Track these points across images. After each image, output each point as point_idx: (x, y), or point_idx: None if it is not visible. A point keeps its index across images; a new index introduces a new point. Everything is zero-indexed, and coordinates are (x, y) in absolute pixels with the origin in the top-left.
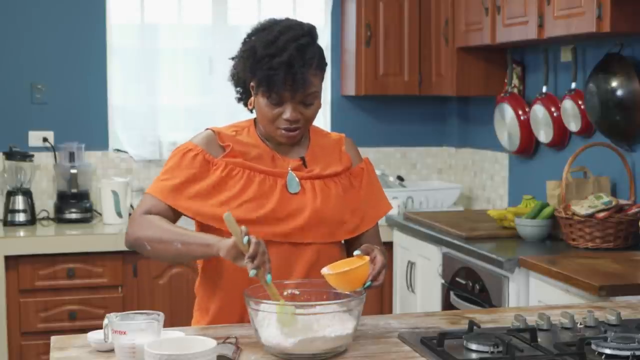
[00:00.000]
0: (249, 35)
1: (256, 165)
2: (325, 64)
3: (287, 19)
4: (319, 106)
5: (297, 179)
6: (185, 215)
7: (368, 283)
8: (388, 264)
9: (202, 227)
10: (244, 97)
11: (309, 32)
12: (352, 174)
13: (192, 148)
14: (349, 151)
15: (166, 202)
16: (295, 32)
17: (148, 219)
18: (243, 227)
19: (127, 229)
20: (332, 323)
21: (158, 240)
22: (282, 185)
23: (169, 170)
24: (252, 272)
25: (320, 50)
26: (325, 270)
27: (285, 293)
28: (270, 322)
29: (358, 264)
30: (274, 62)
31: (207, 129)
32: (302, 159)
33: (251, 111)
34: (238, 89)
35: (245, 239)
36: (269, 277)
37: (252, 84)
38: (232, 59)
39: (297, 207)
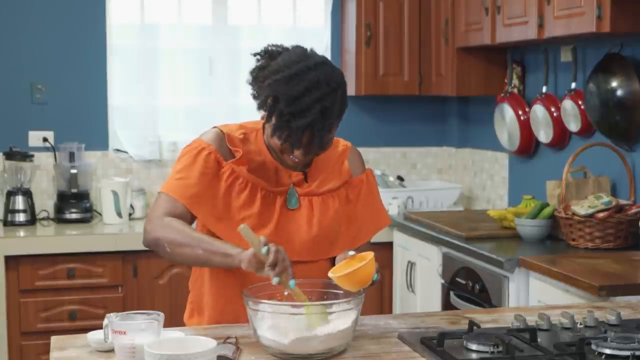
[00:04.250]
0: (276, 78)
1: (259, 179)
2: (346, 107)
3: (318, 64)
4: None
5: (297, 195)
6: (198, 217)
7: (375, 276)
8: (388, 264)
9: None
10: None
11: (337, 87)
12: (350, 185)
13: (205, 147)
14: (351, 163)
15: (183, 203)
16: (322, 90)
17: (169, 221)
18: (262, 237)
19: (146, 227)
20: (326, 323)
21: (179, 243)
22: (282, 202)
23: (183, 169)
24: (275, 280)
25: (343, 100)
26: (332, 275)
27: (285, 293)
28: (269, 322)
29: (365, 261)
30: (295, 123)
31: (214, 127)
32: (305, 173)
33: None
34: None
35: (264, 249)
36: (292, 282)
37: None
38: (251, 73)
39: (295, 226)
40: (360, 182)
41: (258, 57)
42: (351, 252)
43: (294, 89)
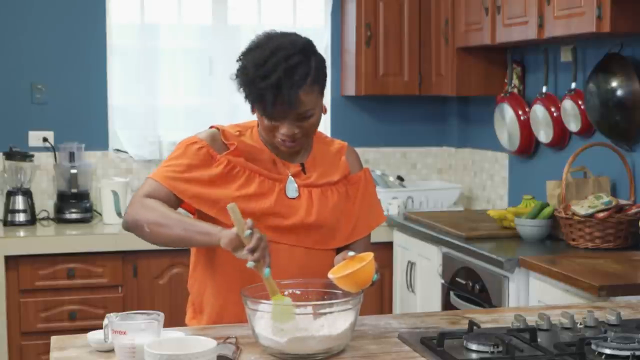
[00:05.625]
0: (244, 53)
1: (257, 167)
2: (324, 76)
3: (282, 35)
4: (319, 118)
5: (295, 184)
6: (183, 199)
7: (375, 276)
8: (388, 264)
9: (200, 216)
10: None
11: (302, 49)
12: (350, 181)
13: (197, 141)
14: (349, 160)
15: (167, 187)
16: (286, 51)
17: (148, 202)
18: (248, 220)
19: (127, 210)
20: (327, 323)
21: (158, 224)
22: (281, 189)
23: (172, 159)
24: (250, 264)
25: (316, 65)
26: (331, 276)
27: (285, 293)
28: (267, 322)
29: (365, 262)
30: (262, 84)
31: (211, 126)
32: (302, 165)
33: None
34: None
35: (248, 232)
36: (267, 270)
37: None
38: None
39: (292, 211)
40: (359, 179)
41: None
42: (351, 253)
43: (260, 54)
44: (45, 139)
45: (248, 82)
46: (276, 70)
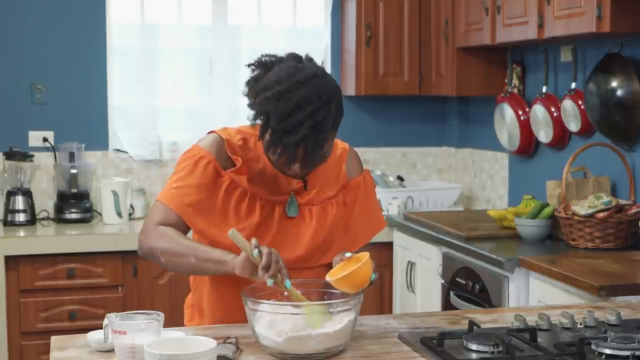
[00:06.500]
0: (266, 96)
1: (258, 188)
2: (342, 115)
3: (307, 80)
4: (331, 150)
5: (296, 203)
6: (192, 230)
7: (373, 276)
8: (388, 264)
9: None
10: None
11: (328, 100)
12: (347, 189)
13: (204, 155)
14: (349, 166)
15: (178, 213)
16: (312, 106)
17: (162, 231)
18: (253, 240)
19: (140, 238)
20: (327, 323)
21: (172, 253)
22: (281, 210)
23: (181, 179)
24: (269, 282)
25: (337, 112)
26: (329, 278)
27: (286, 293)
28: (266, 321)
29: (361, 262)
30: (285, 139)
31: (212, 131)
32: (304, 180)
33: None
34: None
35: (256, 252)
36: (288, 282)
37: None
38: (246, 85)
39: (293, 236)
40: (358, 185)
41: (252, 67)
42: (347, 254)
43: (285, 105)
44: (45, 139)
45: (269, 128)
46: (301, 127)
